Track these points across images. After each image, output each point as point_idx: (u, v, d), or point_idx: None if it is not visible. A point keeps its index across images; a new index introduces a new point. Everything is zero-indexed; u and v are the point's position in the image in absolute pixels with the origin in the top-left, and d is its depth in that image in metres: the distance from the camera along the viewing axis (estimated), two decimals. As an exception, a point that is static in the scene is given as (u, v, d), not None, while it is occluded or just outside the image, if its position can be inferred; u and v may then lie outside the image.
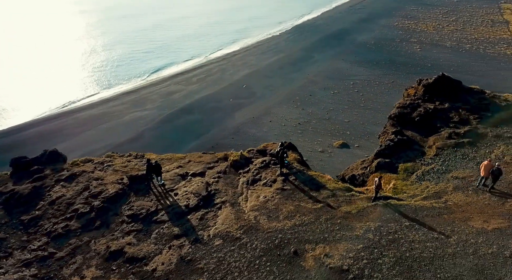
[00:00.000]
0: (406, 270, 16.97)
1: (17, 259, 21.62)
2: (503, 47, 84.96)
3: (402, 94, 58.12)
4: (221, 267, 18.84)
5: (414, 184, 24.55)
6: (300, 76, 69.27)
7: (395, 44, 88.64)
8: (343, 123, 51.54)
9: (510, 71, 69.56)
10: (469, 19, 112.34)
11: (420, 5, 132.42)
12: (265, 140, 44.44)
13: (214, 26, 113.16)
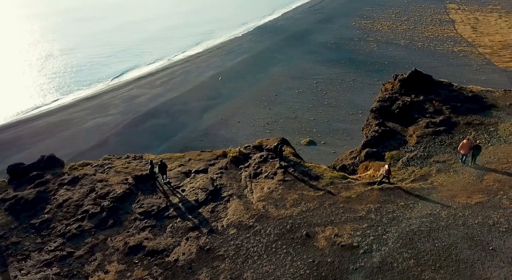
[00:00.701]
0: (408, 242, 19.27)
1: (36, 260, 22.29)
2: (451, 45, 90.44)
3: (363, 91, 62.84)
4: (241, 253, 20.43)
5: (401, 169, 27.09)
6: (265, 77, 70.69)
7: (354, 43, 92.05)
8: (309, 121, 53.25)
9: (458, 67, 74.40)
10: (419, 19, 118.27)
11: (374, 6, 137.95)
12: (235, 141, 46.21)
13: (176, 28, 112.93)
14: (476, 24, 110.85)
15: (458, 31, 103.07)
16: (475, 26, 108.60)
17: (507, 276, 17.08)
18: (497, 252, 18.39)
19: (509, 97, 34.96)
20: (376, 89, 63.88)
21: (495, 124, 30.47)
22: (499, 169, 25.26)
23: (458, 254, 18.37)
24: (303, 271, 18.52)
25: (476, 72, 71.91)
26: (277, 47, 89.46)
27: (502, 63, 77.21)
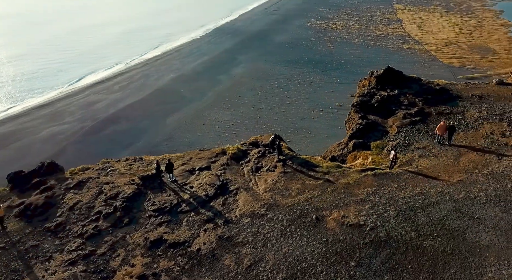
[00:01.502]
0: (407, 217, 22.02)
1: (60, 260, 23.22)
2: (400, 43, 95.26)
3: (322, 90, 65.92)
4: (259, 238, 22.43)
5: (387, 156, 30.03)
6: (227, 78, 71.49)
7: (311, 43, 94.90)
8: (274, 121, 54.45)
9: (408, 64, 78.37)
10: (370, 19, 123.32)
11: (328, 6, 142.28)
12: (201, 144, 46.19)
13: (133, 32, 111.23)
14: (421, 23, 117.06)
15: (405, 30, 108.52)
16: (420, 25, 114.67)
17: (492, 239, 20.16)
18: (481, 219, 21.50)
19: (469, 89, 39.00)
20: (335, 87, 68.00)
21: (462, 113, 34.20)
22: (471, 151, 28.74)
23: (450, 224, 21.32)
24: (319, 249, 20.80)
25: (424, 68, 76.15)
26: (237, 48, 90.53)
27: (445, 59, 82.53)
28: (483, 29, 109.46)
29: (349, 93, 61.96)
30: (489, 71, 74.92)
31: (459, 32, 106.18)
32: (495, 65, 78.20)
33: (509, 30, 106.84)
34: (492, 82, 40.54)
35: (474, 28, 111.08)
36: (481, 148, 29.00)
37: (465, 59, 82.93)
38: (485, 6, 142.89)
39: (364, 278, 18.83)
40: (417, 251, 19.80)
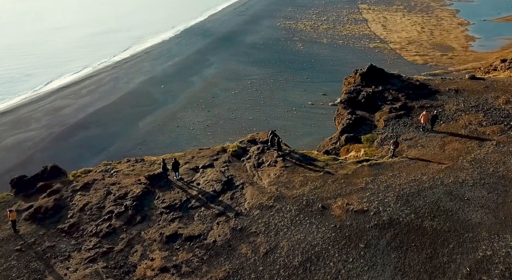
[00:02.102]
0: (405, 202, 24.14)
1: (79, 258, 24.02)
2: (367, 41, 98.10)
3: (295, 89, 67.38)
4: (270, 228, 23.99)
5: (378, 148, 32.27)
6: (199, 79, 71.26)
7: (281, 43, 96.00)
8: (248, 121, 54.76)
9: (375, 62, 78.16)
10: (337, 18, 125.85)
11: (295, 7, 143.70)
12: (176, 146, 46.17)
13: (100, 34, 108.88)
14: (385, 23, 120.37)
15: (371, 29, 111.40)
16: (385, 25, 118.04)
17: (482, 216, 22.53)
18: (471, 200, 23.88)
19: (446, 84, 41.93)
20: (306, 87, 69.14)
21: (442, 106, 36.92)
22: (453, 140, 31.33)
23: (444, 205, 23.57)
24: (329, 235, 22.59)
25: (391, 66, 77.95)
26: (208, 49, 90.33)
27: (409, 57, 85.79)
28: (442, 27, 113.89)
29: (320, 92, 64.20)
30: (449, 68, 78.54)
31: (421, 31, 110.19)
32: (455, 61, 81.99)
33: (465, 28, 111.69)
34: (465, 77, 43.69)
35: (434, 27, 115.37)
36: (462, 137, 31.64)
37: (428, 56, 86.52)
38: (443, 6, 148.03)
39: (373, 257, 20.75)
40: (418, 231, 21.91)
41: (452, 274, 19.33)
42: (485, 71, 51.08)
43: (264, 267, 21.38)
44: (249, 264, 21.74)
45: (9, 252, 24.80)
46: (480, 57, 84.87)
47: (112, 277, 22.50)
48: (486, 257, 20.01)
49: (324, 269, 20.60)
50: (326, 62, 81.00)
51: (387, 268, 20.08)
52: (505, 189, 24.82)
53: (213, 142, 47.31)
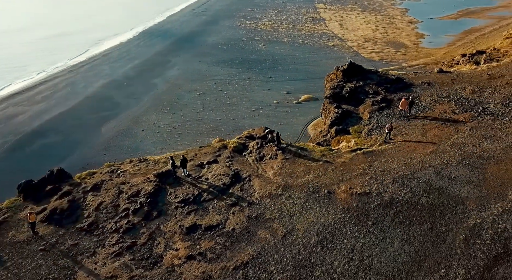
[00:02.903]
0: (401, 184, 27.05)
1: (105, 254, 25.29)
2: (325, 40, 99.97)
3: (260, 89, 67.06)
4: (284, 213, 26.21)
5: (367, 138, 35.23)
6: (162, 81, 70.06)
7: (243, 43, 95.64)
8: (216, 121, 54.29)
9: (335, 60, 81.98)
10: (296, 18, 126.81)
11: (255, 7, 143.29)
12: (142, 150, 45.59)
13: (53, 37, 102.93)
14: (342, 22, 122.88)
15: (329, 28, 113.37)
16: (341, 23, 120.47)
17: (468, 191, 25.79)
18: (457, 178, 27.15)
19: (418, 77, 45.72)
20: (271, 86, 68.85)
21: (418, 97, 40.48)
22: (433, 127, 34.79)
23: (435, 184, 26.69)
24: (339, 216, 25.12)
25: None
26: (169, 51, 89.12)
27: (366, 54, 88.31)
28: (395, 25, 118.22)
29: (284, 91, 64.99)
30: (403, 64, 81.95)
31: (375, 29, 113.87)
32: (408, 58, 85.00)
33: (415, 26, 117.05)
34: (434, 71, 47.74)
35: (387, 25, 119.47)
36: (440, 124, 35.18)
37: (383, 53, 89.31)
38: (394, 5, 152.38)
39: (382, 232, 23.46)
40: (417, 207, 24.85)
41: (451, 241, 22.34)
42: (448, 65, 55.68)
43: (285, 248, 23.58)
44: (271, 247, 23.87)
45: (34, 252, 25.65)
46: (429, 53, 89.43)
47: (142, 268, 23.97)
48: (477, 224, 23.18)
49: (340, 245, 23.09)
50: (288, 61, 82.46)
51: (395, 240, 22.84)
52: (483, 167, 28.31)
53: (180, 144, 47.11)
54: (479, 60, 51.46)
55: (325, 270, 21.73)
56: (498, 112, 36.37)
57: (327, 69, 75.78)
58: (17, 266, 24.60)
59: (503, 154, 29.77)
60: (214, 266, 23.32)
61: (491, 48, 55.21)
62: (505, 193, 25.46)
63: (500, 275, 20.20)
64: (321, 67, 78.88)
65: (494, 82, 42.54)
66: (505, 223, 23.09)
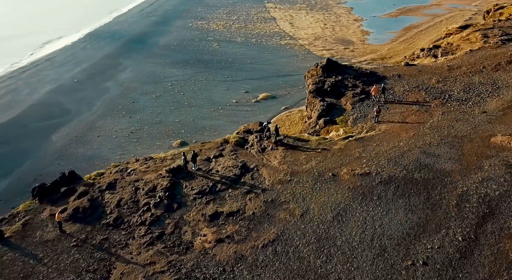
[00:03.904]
0: (395, 163, 30.86)
1: (137, 244, 27.14)
2: (278, 39, 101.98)
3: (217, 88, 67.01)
4: (297, 196, 29.19)
5: (353, 127, 38.98)
6: (115, 85, 68.36)
7: (196, 43, 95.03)
8: (175, 123, 54.03)
9: (288, 58, 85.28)
10: (247, 17, 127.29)
11: (205, 7, 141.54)
12: (100, 157, 45.32)
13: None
14: (292, 20, 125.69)
15: (280, 27, 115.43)
16: (292, 22, 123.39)
17: (451, 165, 30.04)
18: (440, 155, 31.37)
19: (388, 70, 50.32)
20: (228, 85, 68.97)
21: (392, 88, 44.89)
22: (410, 114, 39.10)
23: (423, 161, 30.74)
24: (347, 194, 28.48)
25: (302, 61, 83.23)
26: (119, 53, 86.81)
27: (318, 52, 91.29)
28: (342, 23, 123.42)
29: (242, 90, 65.92)
30: (352, 60, 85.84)
31: (324, 27, 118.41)
32: (356, 54, 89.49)
33: (360, 24, 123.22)
34: (401, 64, 52.66)
35: (335, 23, 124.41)
36: (415, 111, 39.64)
37: (333, 50, 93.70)
38: (339, 4, 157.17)
39: (387, 205, 27.06)
40: (413, 182, 28.73)
41: (445, 206, 26.32)
42: (410, 59, 61.05)
43: (305, 225, 26.60)
44: (292, 225, 26.79)
45: (67, 248, 26.97)
46: (375, 49, 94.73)
47: (176, 254, 26.08)
48: (464, 191, 27.36)
49: (353, 218, 26.44)
50: (244, 61, 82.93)
51: (400, 210, 26.52)
52: (460, 145, 32.80)
53: (140, 149, 46.85)
54: (436, 54, 57.13)
55: (345, 240, 24.98)
56: (462, 98, 41.42)
57: (281, 68, 78.23)
58: (55, 262, 25.89)
59: (473, 132, 34.51)
60: (243, 246, 25.89)
61: (445, 43, 61.22)
62: (481, 164, 29.97)
63: (489, 230, 24.37)
64: (276, 65, 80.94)
65: (454, 72, 47.90)
66: (486, 188, 27.46)
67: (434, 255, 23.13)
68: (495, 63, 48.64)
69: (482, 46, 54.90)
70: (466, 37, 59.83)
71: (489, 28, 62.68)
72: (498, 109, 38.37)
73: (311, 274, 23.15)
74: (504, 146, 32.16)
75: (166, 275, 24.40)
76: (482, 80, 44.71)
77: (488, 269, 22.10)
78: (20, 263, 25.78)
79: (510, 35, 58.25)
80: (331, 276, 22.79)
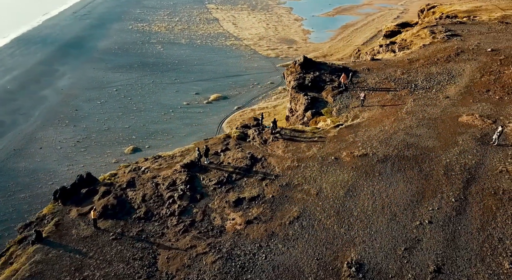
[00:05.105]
0: (386, 144, 35.54)
1: (173, 232, 29.57)
2: (223, 40, 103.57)
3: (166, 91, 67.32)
4: (308, 179, 32.95)
5: (338, 116, 43.50)
6: (53, 93, 65.82)
7: (139, 46, 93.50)
8: (125, 129, 52.95)
9: (235, 58, 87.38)
10: (190, 19, 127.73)
11: (144, 8, 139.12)
12: (45, 170, 43.70)
13: None
14: (235, 21, 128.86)
15: (224, 28, 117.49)
16: (235, 23, 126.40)
17: (432, 142, 35.26)
18: (421, 135, 36.54)
19: (357, 65, 55.63)
20: (177, 87, 68.60)
21: (364, 81, 50.10)
22: (386, 103, 44.33)
23: (409, 141, 35.71)
24: (352, 173, 32.69)
25: (249, 61, 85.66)
26: (54, 59, 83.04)
27: (263, 52, 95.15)
28: (283, 23, 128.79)
29: (193, 92, 66.00)
30: (297, 58, 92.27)
31: (267, 27, 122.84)
32: (300, 53, 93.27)
33: (301, 23, 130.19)
34: (367, 59, 58.23)
35: (277, 23, 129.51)
36: (390, 100, 44.95)
37: (278, 50, 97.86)
38: (279, 4, 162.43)
39: (388, 179, 31.58)
40: (405, 158, 33.55)
41: (436, 176, 31.30)
42: (372, 54, 67.07)
43: (322, 201, 30.43)
44: (310, 203, 30.51)
45: (107, 242, 28.79)
46: (317, 47, 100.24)
47: (212, 237, 28.86)
48: (448, 163, 32.56)
49: (362, 192, 30.68)
50: (190, 62, 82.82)
51: (399, 182, 31.15)
52: (435, 125, 38.28)
53: (89, 158, 45.65)
54: (394, 49, 63.55)
55: (360, 211, 29.13)
56: (426, 86, 47.42)
57: (230, 68, 79.71)
58: (101, 254, 27.67)
59: (443, 115, 40.25)
60: (272, 224, 29.22)
61: (399, 39, 68.00)
62: (456, 140, 35.51)
63: (474, 191, 29.61)
64: (224, 66, 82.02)
65: (414, 65, 54.16)
66: (464, 159, 32.87)
67: (435, 215, 27.90)
68: (446, 56, 55.55)
69: (432, 41, 62.00)
70: (417, 33, 66.95)
71: (434, 25, 70.43)
72: (457, 94, 44.64)
73: (338, 241, 27.02)
74: (470, 123, 38.10)
75: (209, 255, 27.14)
76: (439, 71, 51.18)
77: (479, 221, 27.20)
78: (67, 258, 27.25)
79: (452, 31, 66.05)
80: (356, 240, 26.81)
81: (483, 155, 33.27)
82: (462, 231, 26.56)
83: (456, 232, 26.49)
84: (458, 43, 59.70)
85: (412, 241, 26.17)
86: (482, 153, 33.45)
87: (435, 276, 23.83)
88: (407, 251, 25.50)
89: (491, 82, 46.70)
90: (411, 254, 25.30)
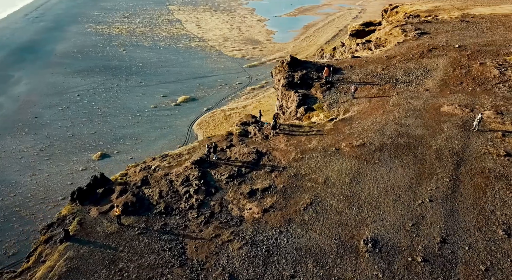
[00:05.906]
0: (381, 134, 38.74)
1: (195, 224, 31.33)
2: (187, 41, 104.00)
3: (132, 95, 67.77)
4: (314, 169, 35.53)
5: (330, 111, 46.43)
6: (9, 100, 63.84)
7: (99, 49, 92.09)
8: (91, 135, 52.13)
9: (201, 60, 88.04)
10: (151, 20, 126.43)
11: (102, 10, 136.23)
12: (4, 181, 42.63)
13: None
14: (198, 22, 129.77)
15: (187, 29, 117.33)
16: (198, 24, 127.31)
17: (421, 131, 38.78)
18: (411, 125, 39.99)
19: (340, 63, 58.89)
20: (143, 90, 67.95)
21: (349, 77, 53.38)
22: (373, 97, 47.71)
23: (400, 130, 39.05)
24: (354, 162, 35.56)
25: (216, 62, 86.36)
26: (7, 64, 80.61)
27: (229, 53, 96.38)
28: (247, 24, 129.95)
29: (159, 94, 65.16)
30: (263, 59, 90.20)
31: (231, 28, 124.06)
32: (265, 53, 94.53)
33: (264, 24, 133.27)
34: (348, 56, 61.70)
35: (240, 23, 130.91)
36: (376, 94, 48.37)
37: (243, 50, 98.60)
38: (242, 5, 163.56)
39: (387, 165, 34.66)
40: (400, 146, 36.80)
41: (429, 160, 34.69)
42: (351, 52, 70.77)
43: (331, 188, 33.09)
44: (320, 190, 33.10)
45: (133, 236, 30.18)
46: (282, 47, 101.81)
47: (233, 226, 30.85)
48: (438, 148, 36.05)
49: (366, 178, 33.59)
50: (155, 64, 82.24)
51: (398, 168, 34.31)
52: (421, 116, 41.91)
53: (54, 167, 44.29)
54: (370, 47, 67.46)
55: (367, 194, 32.01)
56: (406, 81, 51.27)
57: (196, 70, 79.64)
58: (130, 247, 29.04)
59: (426, 106, 44.01)
60: (287, 211, 31.58)
61: (374, 38, 72.11)
62: (442, 128, 39.20)
63: (464, 171, 33.19)
64: (190, 67, 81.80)
65: (392, 61, 58.09)
66: (451, 144, 36.51)
67: (434, 194, 31.19)
68: (419, 52, 59.87)
69: (405, 39, 66.38)
70: (390, 32, 71.29)
71: (404, 24, 75.11)
72: (435, 87, 48.69)
73: (352, 222, 29.74)
74: (451, 112, 41.99)
75: (234, 242, 29.15)
76: (415, 66, 55.28)
77: (472, 196, 30.70)
78: (98, 253, 28.44)
79: (422, 30, 70.83)
80: (368, 220, 29.62)
81: (467, 139, 37.05)
82: (459, 206, 29.94)
83: (454, 208, 29.84)
84: (429, 40, 64.33)
85: (417, 217, 29.27)
86: (466, 138, 37.24)
87: (442, 246, 26.98)
88: (415, 227, 28.56)
89: (463, 75, 51.14)
90: (418, 229, 28.37)
